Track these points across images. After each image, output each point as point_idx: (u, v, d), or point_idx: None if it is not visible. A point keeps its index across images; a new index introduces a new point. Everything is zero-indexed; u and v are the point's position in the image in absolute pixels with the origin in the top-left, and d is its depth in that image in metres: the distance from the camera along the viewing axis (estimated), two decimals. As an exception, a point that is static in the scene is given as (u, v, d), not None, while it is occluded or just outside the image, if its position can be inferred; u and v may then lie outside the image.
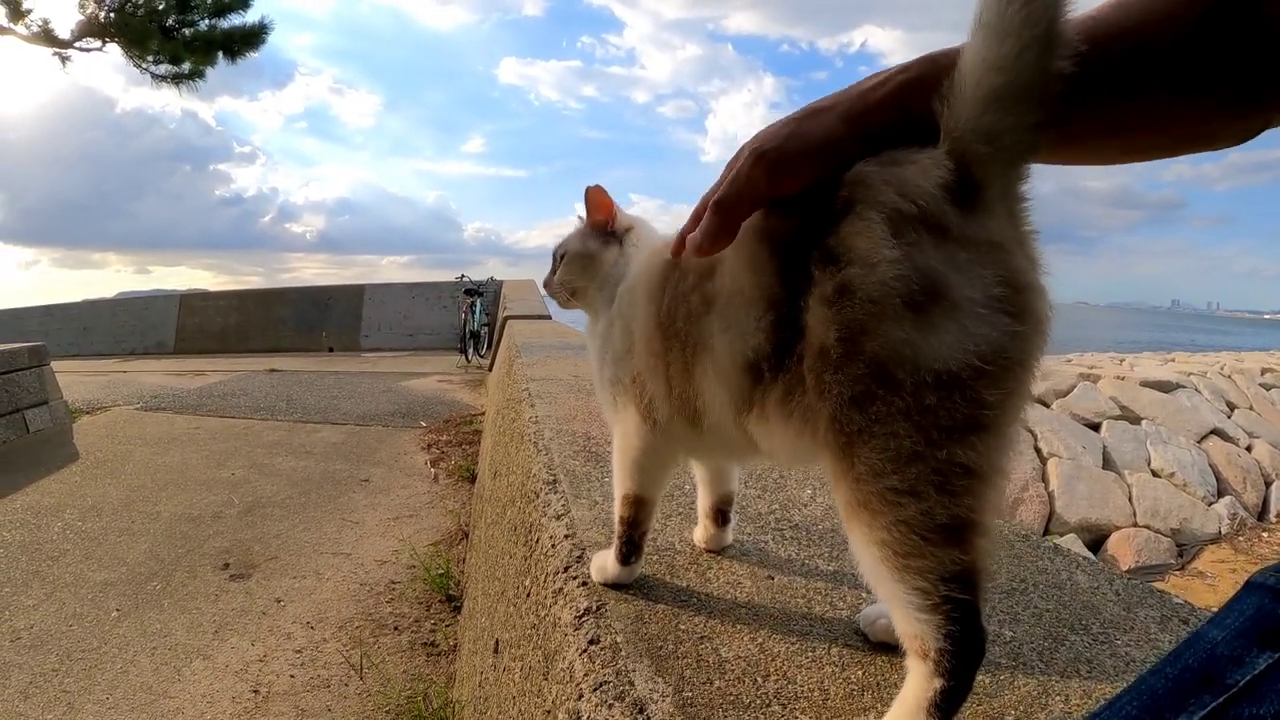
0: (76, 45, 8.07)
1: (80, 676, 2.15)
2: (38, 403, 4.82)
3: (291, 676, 2.15)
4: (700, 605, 0.73)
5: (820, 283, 0.49)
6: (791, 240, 0.52)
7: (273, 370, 8.04)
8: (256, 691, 2.07)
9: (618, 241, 0.78)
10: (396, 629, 2.43)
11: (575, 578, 0.79)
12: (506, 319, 5.29)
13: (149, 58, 8.33)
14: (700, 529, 0.87)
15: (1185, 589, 5.42)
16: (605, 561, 0.76)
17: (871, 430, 0.47)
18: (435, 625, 2.44)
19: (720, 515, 0.84)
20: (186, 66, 8.51)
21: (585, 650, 0.66)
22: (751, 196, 0.54)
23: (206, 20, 8.43)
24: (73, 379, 6.29)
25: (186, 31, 8.34)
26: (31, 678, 2.14)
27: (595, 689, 0.60)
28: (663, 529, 0.92)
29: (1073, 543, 5.79)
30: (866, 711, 0.57)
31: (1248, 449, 7.73)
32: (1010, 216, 0.47)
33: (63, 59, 8.11)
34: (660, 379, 0.66)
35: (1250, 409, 8.73)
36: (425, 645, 2.33)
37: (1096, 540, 6.09)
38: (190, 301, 12.82)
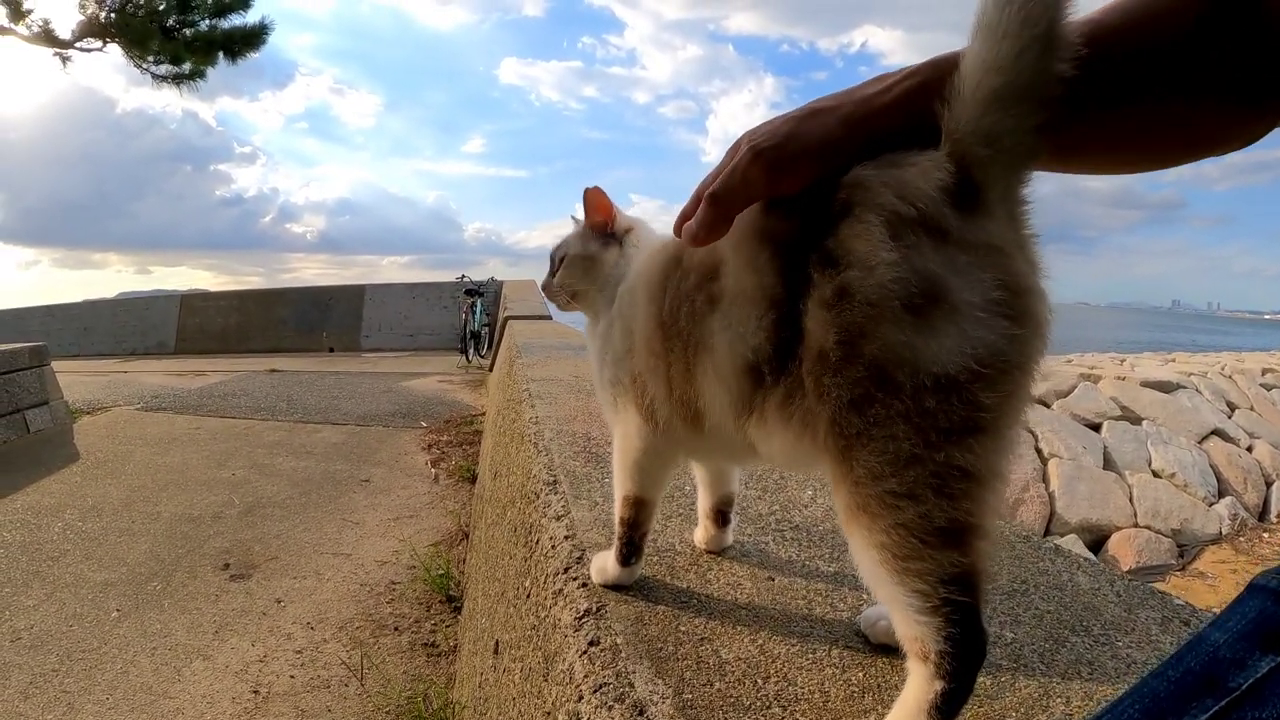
0: (77, 45, 8.07)
1: (80, 677, 2.15)
2: (38, 403, 4.82)
3: (291, 677, 2.15)
4: (701, 607, 0.73)
5: (819, 285, 0.49)
6: (792, 241, 0.52)
7: (273, 370, 8.04)
8: (256, 692, 2.07)
9: (618, 243, 0.78)
10: (397, 629, 2.43)
11: (575, 579, 0.79)
12: (507, 319, 5.29)
13: (149, 58, 8.33)
14: (700, 530, 0.86)
15: (1186, 589, 5.42)
16: (605, 563, 0.76)
17: (870, 433, 0.47)
18: (435, 626, 2.44)
19: (721, 516, 0.84)
20: (187, 67, 8.51)
21: (585, 652, 0.66)
22: (747, 194, 0.54)
23: (207, 20, 8.44)
24: (73, 379, 6.29)
25: (187, 32, 8.34)
26: (31, 678, 2.14)
27: (595, 690, 0.60)
28: (663, 530, 0.92)
29: (1073, 543, 5.79)
30: (867, 714, 0.57)
31: (1248, 449, 7.72)
32: (1011, 219, 0.47)
33: (63, 59, 8.11)
34: (661, 379, 0.66)
35: (1251, 409, 8.72)
36: (425, 646, 2.33)
37: (1097, 541, 6.08)
38: (191, 302, 12.83)
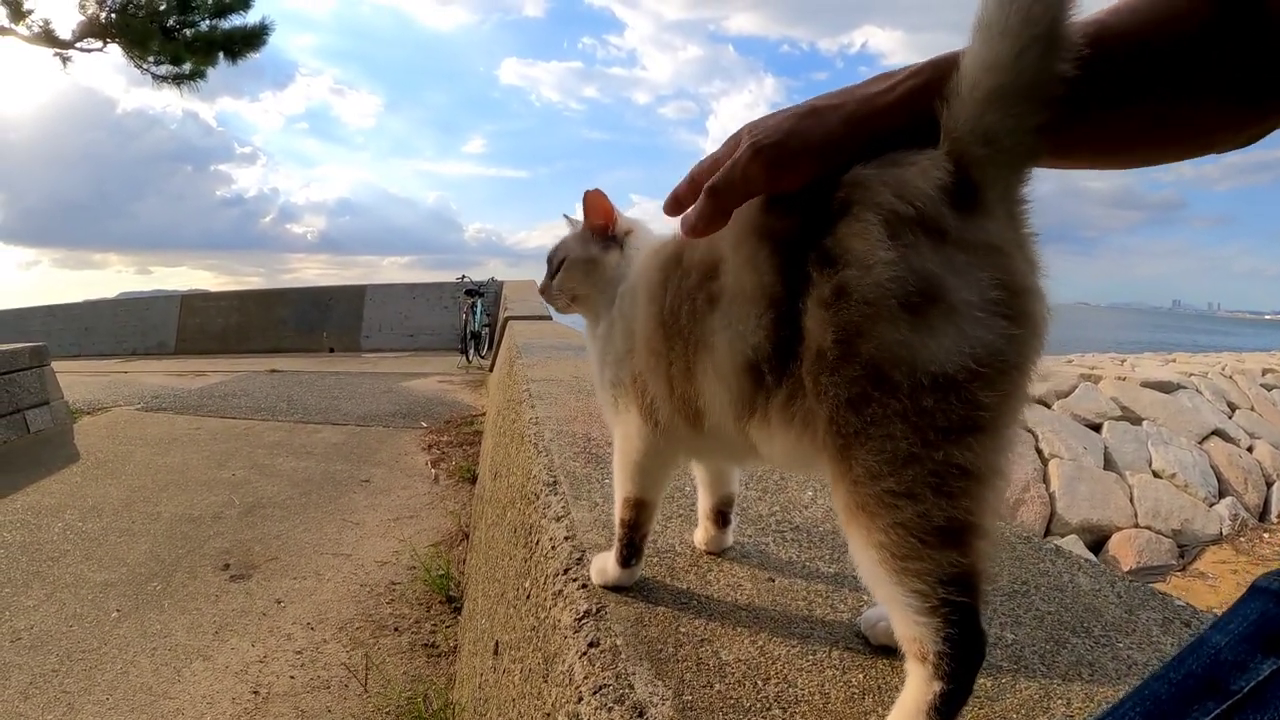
0: (77, 46, 8.07)
1: (80, 677, 2.15)
2: (39, 403, 4.83)
3: (291, 677, 2.15)
4: (701, 608, 0.73)
5: (818, 284, 0.49)
6: (792, 240, 0.52)
7: (273, 371, 8.04)
8: (256, 692, 2.07)
9: (619, 246, 0.77)
10: (397, 630, 2.43)
11: (575, 580, 0.79)
12: (507, 320, 5.29)
13: (150, 58, 8.33)
14: (701, 531, 0.86)
15: (1186, 590, 5.41)
16: (605, 564, 0.76)
17: (868, 432, 0.47)
18: (435, 626, 2.44)
19: (721, 517, 0.84)
20: (187, 67, 8.51)
21: (585, 653, 0.66)
22: (746, 189, 0.54)
23: (207, 21, 8.44)
24: (74, 379, 6.29)
25: (187, 32, 8.34)
26: (31, 678, 2.14)
27: (595, 692, 0.60)
28: (663, 531, 0.92)
29: (1074, 544, 5.78)
30: (868, 715, 0.57)
31: (1249, 450, 7.72)
32: (1010, 219, 0.47)
33: (64, 59, 8.11)
34: (662, 379, 0.66)
35: (1251, 409, 8.72)
36: (425, 646, 2.32)
37: (1098, 541, 6.08)
38: (191, 302, 12.84)
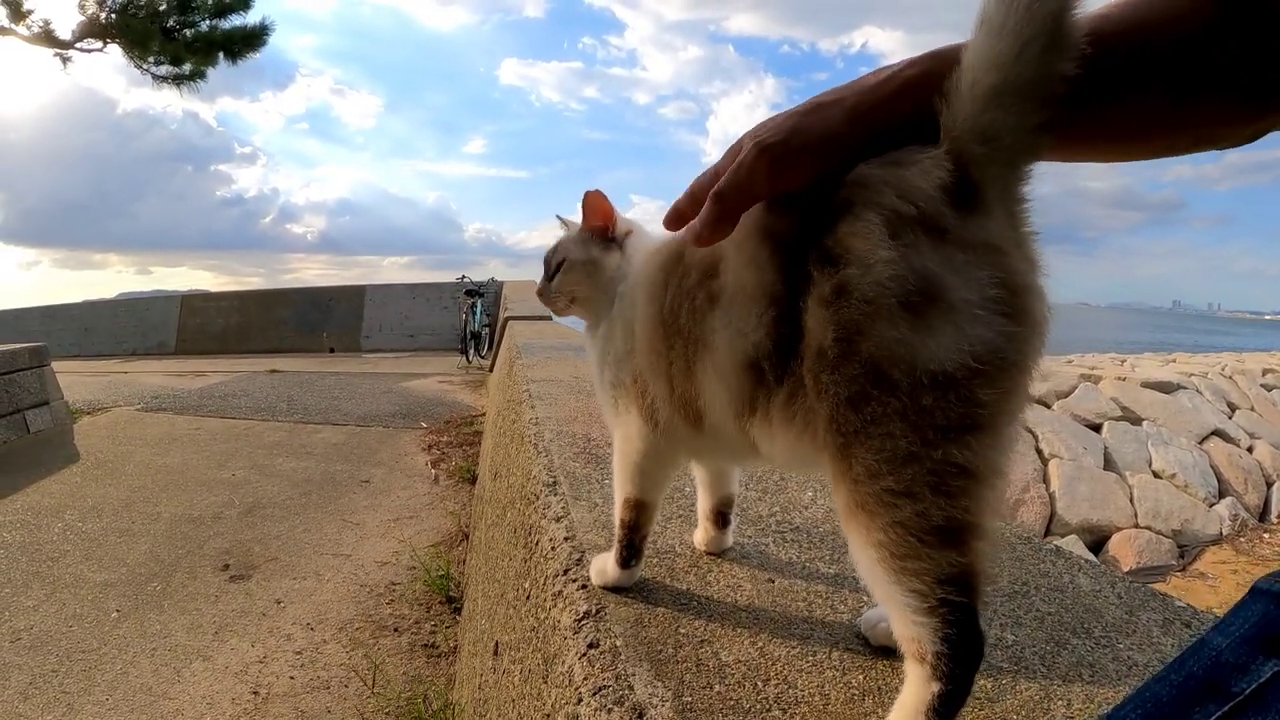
0: (77, 46, 8.08)
1: (80, 677, 2.15)
2: (38, 403, 4.83)
3: (291, 678, 2.15)
4: (700, 609, 0.73)
5: (818, 283, 0.49)
6: (793, 239, 0.52)
7: (274, 371, 8.05)
8: (256, 693, 2.07)
9: (619, 247, 0.77)
10: (397, 630, 2.43)
11: (575, 580, 0.79)
12: (507, 320, 5.29)
13: (150, 59, 8.33)
14: (700, 531, 0.86)
15: (1187, 590, 5.41)
16: (605, 564, 0.76)
17: (867, 431, 0.47)
18: (435, 627, 2.44)
19: (720, 518, 0.84)
20: (187, 67, 8.52)
21: (585, 654, 0.66)
22: (752, 191, 0.53)
23: (207, 21, 8.44)
24: (74, 379, 6.30)
25: (187, 32, 8.34)
26: (31, 678, 2.14)
27: (595, 693, 0.60)
28: (663, 532, 0.92)
29: (1074, 544, 5.78)
30: (868, 716, 0.56)
31: (1249, 450, 7.71)
32: (1010, 217, 0.47)
33: (64, 60, 8.11)
34: (662, 378, 0.65)
35: (1251, 410, 8.71)
36: (425, 647, 2.32)
37: (1098, 541, 6.07)
38: (191, 302, 12.85)
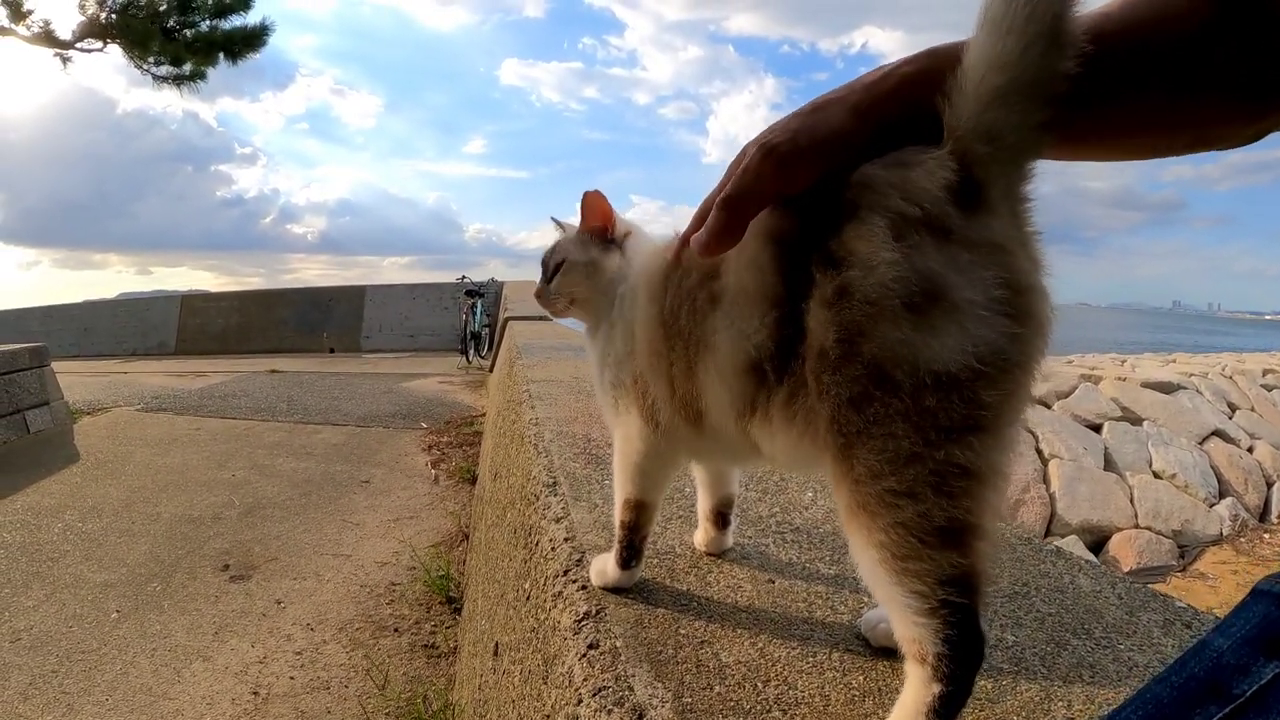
0: (77, 46, 8.08)
1: (80, 678, 2.15)
2: (38, 403, 4.82)
3: (291, 678, 2.15)
4: (700, 609, 0.73)
5: (821, 285, 0.48)
6: (796, 241, 0.52)
7: (274, 371, 8.05)
8: (256, 693, 2.07)
9: (618, 248, 0.77)
10: (397, 631, 2.43)
11: (575, 581, 0.79)
12: (507, 320, 5.29)
13: (150, 59, 8.34)
14: (700, 532, 0.86)
15: (1187, 590, 5.41)
16: (605, 565, 0.76)
17: (870, 431, 0.47)
18: (435, 627, 2.44)
19: (720, 518, 0.84)
20: (188, 68, 8.52)
21: (584, 655, 0.66)
22: (760, 193, 0.53)
23: (207, 21, 8.45)
24: (74, 380, 6.29)
25: (188, 33, 8.35)
26: (31, 679, 2.14)
27: (594, 694, 0.60)
28: (663, 532, 0.92)
29: (1074, 544, 5.78)
30: (868, 717, 0.56)
31: (1249, 450, 7.71)
32: (1013, 217, 0.47)
33: (64, 60, 8.12)
34: (663, 380, 0.65)
35: (1251, 410, 8.71)
36: (425, 647, 2.32)
37: (1098, 542, 6.07)
38: (191, 302, 12.85)
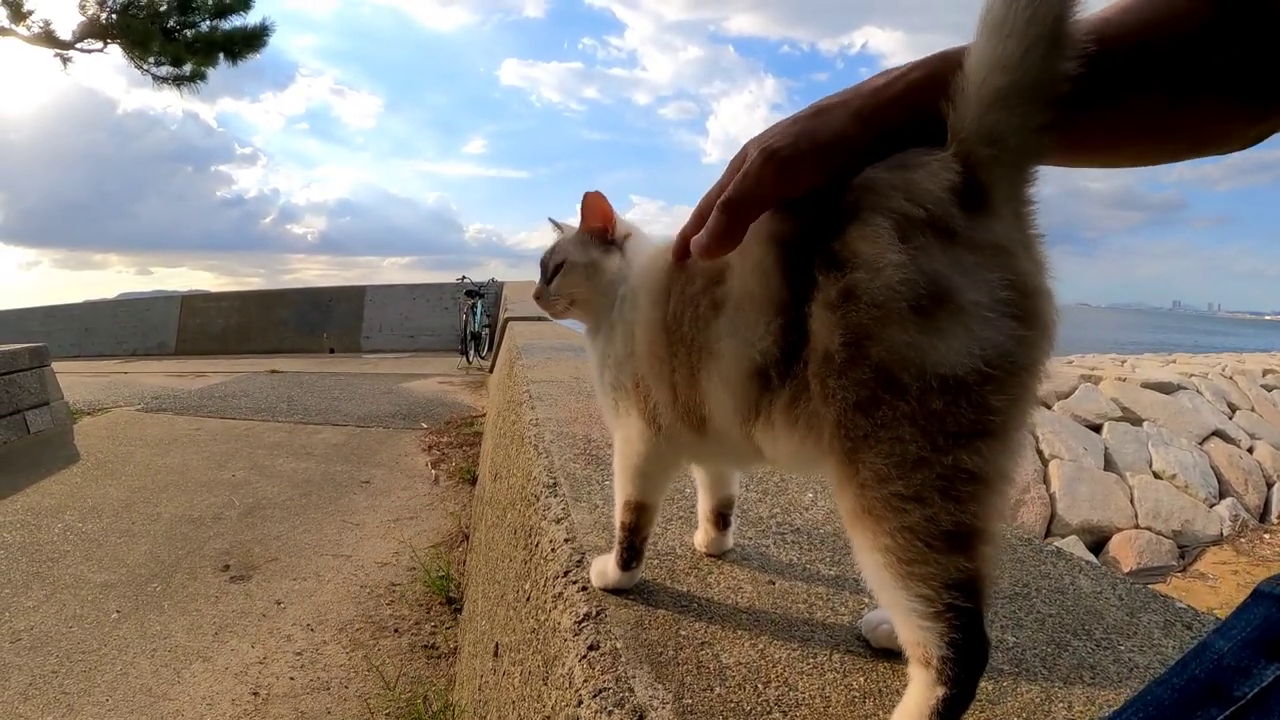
0: (78, 46, 8.08)
1: (80, 678, 2.15)
2: (38, 404, 4.82)
3: (291, 679, 2.14)
4: (701, 610, 0.72)
5: (825, 287, 0.48)
6: (799, 245, 0.51)
7: (274, 371, 8.05)
8: (256, 694, 2.06)
9: (619, 249, 0.77)
10: (397, 631, 2.43)
11: (575, 582, 0.79)
12: (507, 320, 5.29)
13: (150, 59, 8.34)
14: (701, 533, 0.86)
15: (1187, 591, 5.41)
16: (605, 566, 0.76)
17: (876, 435, 0.46)
18: (435, 628, 2.44)
19: (721, 519, 0.84)
20: (188, 68, 8.52)
21: (585, 656, 0.66)
22: (761, 196, 0.52)
23: (208, 22, 8.45)
24: (74, 380, 6.29)
25: (188, 33, 8.35)
26: (31, 679, 2.14)
27: (595, 695, 0.60)
28: (663, 533, 0.92)
29: (1074, 544, 5.78)
30: (869, 719, 0.56)
31: (1249, 450, 7.71)
32: (1017, 219, 0.46)
33: (64, 60, 8.12)
34: (665, 384, 0.65)
35: (1252, 410, 8.71)
36: (425, 648, 2.32)
37: (1098, 542, 6.07)
38: (191, 302, 12.85)
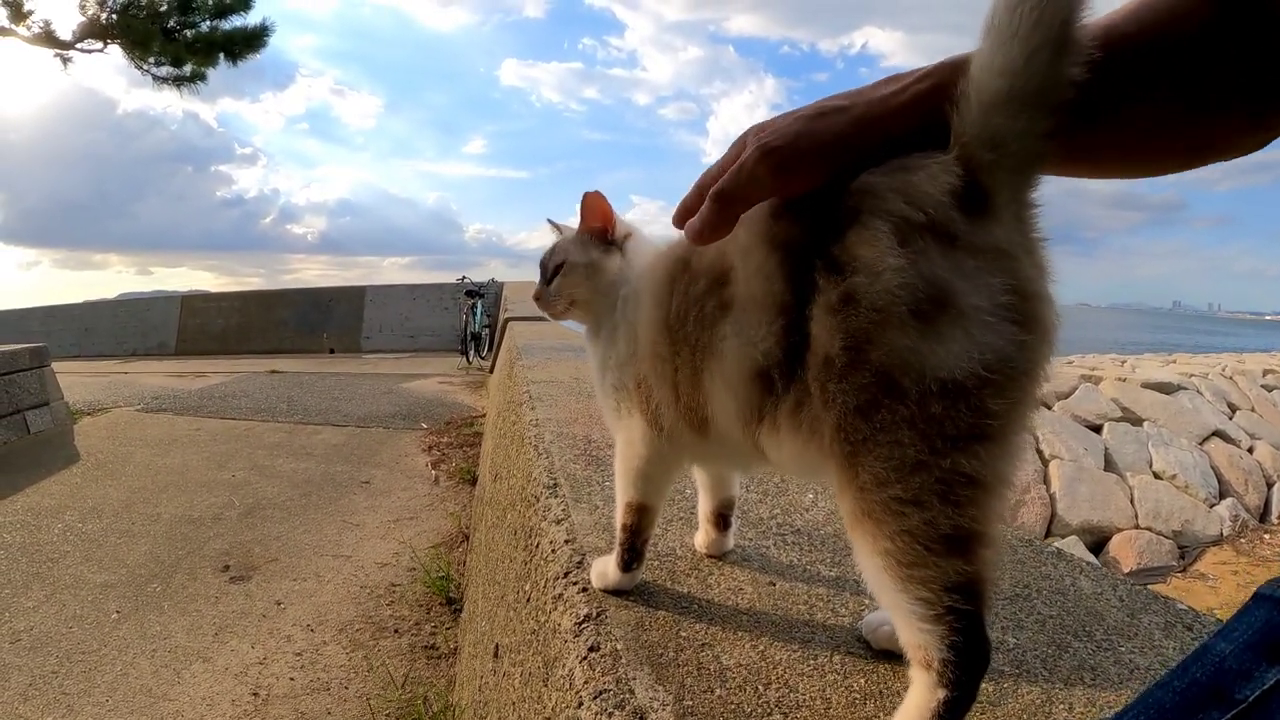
0: (78, 47, 8.08)
1: (80, 678, 2.15)
2: (39, 404, 4.82)
3: (291, 679, 2.14)
4: (701, 612, 0.73)
5: (825, 291, 0.48)
6: (801, 247, 0.51)
7: (274, 372, 8.05)
8: (256, 694, 2.06)
9: (619, 250, 0.77)
10: (397, 632, 2.43)
11: (575, 583, 0.79)
12: (508, 320, 5.28)
13: (150, 59, 8.34)
14: (701, 534, 0.86)
15: (1187, 591, 5.41)
16: (606, 568, 0.76)
17: (876, 439, 0.46)
18: (435, 628, 2.44)
19: (721, 520, 0.84)
20: (188, 68, 8.52)
21: (585, 657, 0.66)
22: (754, 193, 0.53)
23: (208, 22, 8.45)
24: (74, 380, 6.29)
25: (188, 33, 8.35)
26: (31, 679, 2.14)
27: (595, 697, 0.60)
28: (664, 534, 0.92)
29: (1074, 545, 5.78)
30: (869, 721, 0.56)
31: (1249, 451, 7.70)
32: (1019, 223, 0.46)
33: (64, 60, 8.12)
34: (667, 385, 0.65)
35: (1252, 410, 8.70)
36: (425, 648, 2.32)
37: (1098, 542, 6.07)
38: (191, 303, 12.85)
